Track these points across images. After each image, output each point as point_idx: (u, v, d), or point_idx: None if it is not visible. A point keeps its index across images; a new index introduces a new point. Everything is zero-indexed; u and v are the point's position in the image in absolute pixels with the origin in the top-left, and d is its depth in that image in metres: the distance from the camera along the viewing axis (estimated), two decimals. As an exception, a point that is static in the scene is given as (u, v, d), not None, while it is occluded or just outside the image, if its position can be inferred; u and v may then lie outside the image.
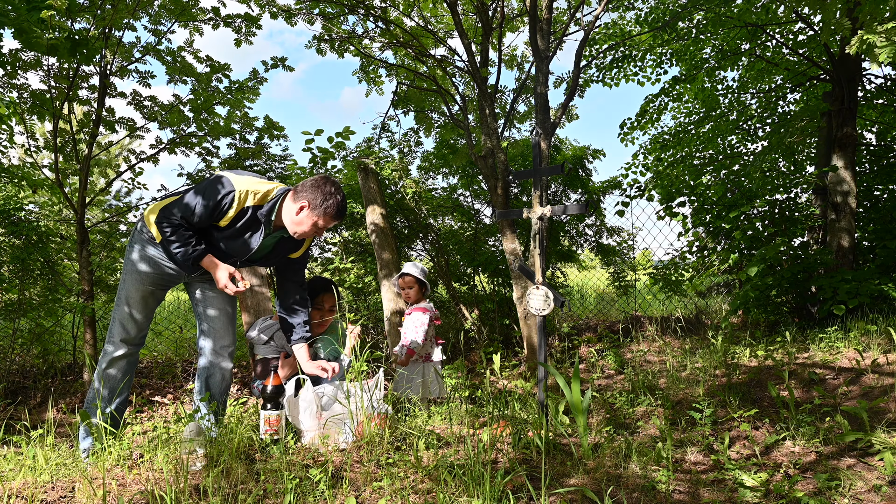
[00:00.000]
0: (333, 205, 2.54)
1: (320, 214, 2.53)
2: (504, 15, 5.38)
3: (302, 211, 2.54)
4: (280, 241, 2.73)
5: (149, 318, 2.77)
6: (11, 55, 4.09)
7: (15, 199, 4.66)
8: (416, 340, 3.54)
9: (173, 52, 4.79)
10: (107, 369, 2.71)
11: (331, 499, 1.95)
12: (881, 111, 6.62)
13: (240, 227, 2.56)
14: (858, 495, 2.01)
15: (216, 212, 2.50)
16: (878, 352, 3.57)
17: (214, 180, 2.54)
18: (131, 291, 2.68)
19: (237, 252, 2.64)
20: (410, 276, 3.71)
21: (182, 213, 2.49)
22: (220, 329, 2.84)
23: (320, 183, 2.55)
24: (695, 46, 6.49)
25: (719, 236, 5.36)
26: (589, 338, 5.52)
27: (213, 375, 2.84)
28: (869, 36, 3.25)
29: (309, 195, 2.53)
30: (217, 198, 2.48)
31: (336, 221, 2.60)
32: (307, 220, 2.55)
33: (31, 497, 1.97)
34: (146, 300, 2.72)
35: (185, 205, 2.50)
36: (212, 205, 2.48)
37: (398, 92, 6.35)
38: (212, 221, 2.53)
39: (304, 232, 2.58)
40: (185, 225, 2.51)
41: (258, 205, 2.55)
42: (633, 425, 2.82)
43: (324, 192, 2.53)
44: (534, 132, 2.86)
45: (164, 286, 2.75)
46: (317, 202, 2.52)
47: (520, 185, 5.81)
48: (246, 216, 2.55)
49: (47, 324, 4.68)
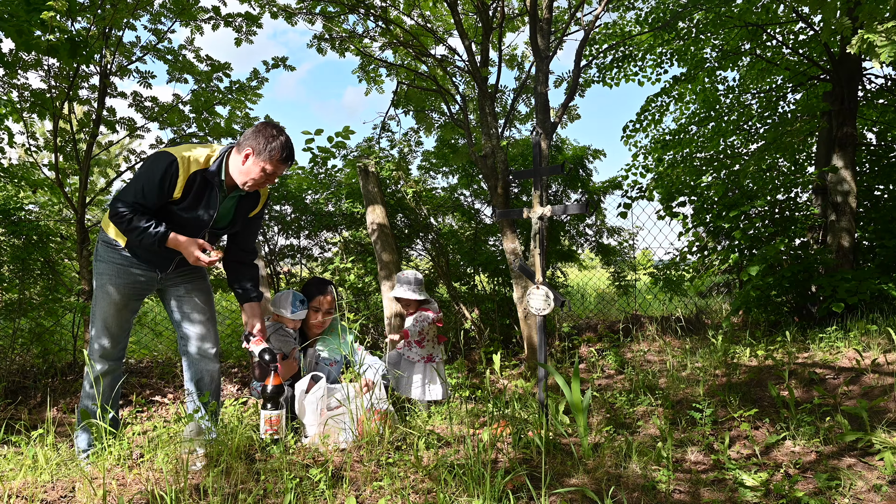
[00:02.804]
0: (278, 147, 2.47)
1: (266, 159, 2.47)
2: (504, 14, 5.38)
3: (248, 159, 2.49)
4: (239, 201, 2.69)
5: (126, 330, 2.73)
6: (11, 55, 4.09)
7: (15, 199, 4.66)
8: (412, 326, 3.64)
9: (174, 51, 4.78)
10: (91, 389, 2.68)
11: (331, 498, 1.95)
12: (881, 111, 6.61)
13: (194, 193, 2.52)
14: (858, 495, 2.01)
15: (165, 185, 2.45)
16: (878, 351, 3.56)
17: (153, 157, 2.52)
18: (105, 307, 2.63)
19: (201, 222, 2.59)
20: (404, 299, 3.73)
21: (133, 198, 2.44)
22: (200, 332, 2.80)
23: (261, 128, 2.50)
24: (695, 46, 6.49)
25: (719, 236, 5.35)
26: (589, 337, 5.52)
27: (202, 379, 2.81)
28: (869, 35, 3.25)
29: (251, 142, 2.48)
30: (161, 171, 2.44)
31: (284, 165, 2.53)
32: (254, 168, 2.49)
33: (31, 497, 1.97)
34: (121, 313, 2.66)
35: (133, 190, 2.46)
36: (157, 179, 2.43)
37: (398, 91, 6.35)
38: (166, 199, 2.48)
39: (253, 180, 2.52)
40: (141, 209, 2.46)
41: (204, 168, 2.52)
42: (634, 425, 2.82)
43: (266, 135, 2.47)
44: (534, 132, 2.86)
45: (136, 296, 2.70)
46: (260, 147, 2.46)
47: (520, 185, 5.81)
48: (196, 181, 2.51)
49: (47, 323, 4.68)
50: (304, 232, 5.67)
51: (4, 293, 4.68)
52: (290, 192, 5.44)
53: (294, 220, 5.56)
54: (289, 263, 5.77)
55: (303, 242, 5.76)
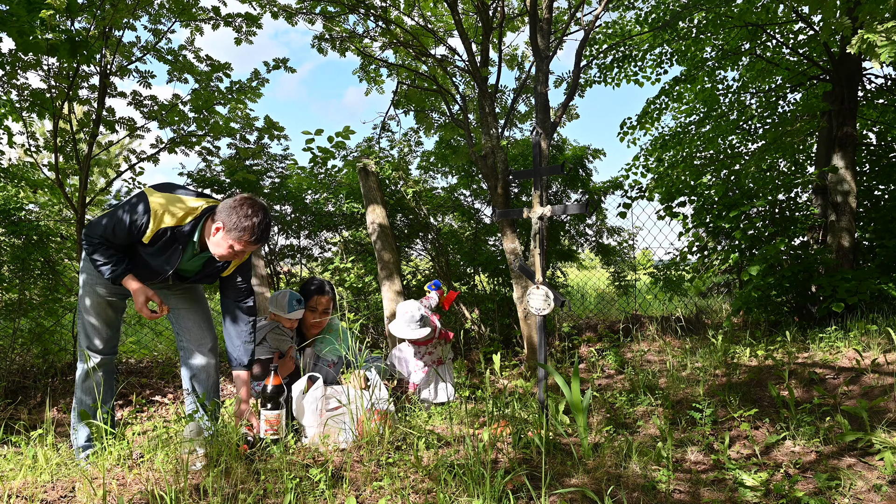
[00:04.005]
0: (249, 228, 2.38)
1: (235, 238, 2.40)
2: (504, 14, 5.38)
3: (218, 232, 2.44)
4: (209, 259, 2.66)
5: (113, 328, 2.75)
6: (11, 55, 4.09)
7: (15, 199, 4.66)
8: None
9: (174, 52, 4.78)
10: (84, 383, 2.71)
11: (331, 499, 1.95)
12: (881, 111, 6.62)
13: (161, 245, 2.51)
14: (858, 495, 2.01)
15: (133, 230, 2.46)
16: (878, 351, 3.57)
17: (134, 200, 2.51)
18: (90, 302, 2.69)
19: (161, 269, 2.59)
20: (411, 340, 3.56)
21: (102, 232, 2.48)
22: (196, 330, 2.83)
23: (237, 204, 2.41)
24: (695, 46, 6.49)
25: (720, 236, 5.35)
26: (589, 337, 5.52)
27: (198, 375, 2.84)
28: (869, 35, 3.26)
29: (224, 216, 2.41)
30: (133, 217, 2.45)
31: (254, 246, 2.46)
32: (223, 242, 2.44)
33: (31, 497, 1.97)
34: (105, 311, 2.71)
35: (105, 225, 2.49)
36: (127, 224, 2.45)
37: (398, 91, 6.35)
38: (135, 240, 2.49)
39: (221, 254, 2.47)
40: (107, 244, 2.50)
41: (178, 225, 2.48)
42: (634, 425, 2.82)
43: (239, 213, 2.38)
44: (534, 132, 2.86)
45: (122, 295, 2.73)
46: (231, 224, 2.39)
47: (520, 185, 5.81)
48: (166, 235, 2.49)
49: (47, 323, 4.68)
50: (304, 232, 5.67)
51: (4, 293, 4.68)
52: (290, 192, 5.44)
53: (294, 220, 5.56)
54: (289, 263, 5.77)
55: (303, 242, 5.76)
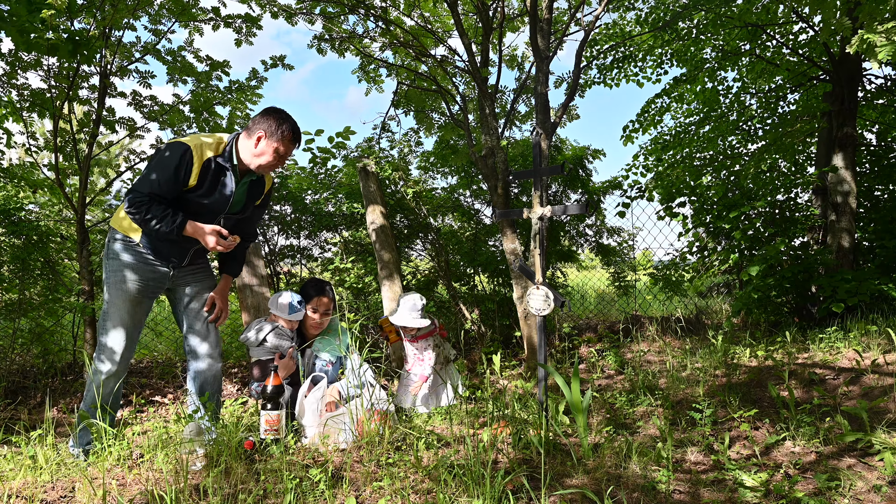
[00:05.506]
0: (288, 128, 2.58)
1: (279, 139, 2.57)
2: (504, 15, 5.38)
3: (260, 141, 2.58)
4: (249, 186, 2.75)
5: (139, 329, 2.74)
6: (11, 55, 4.09)
7: (15, 199, 4.66)
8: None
9: (174, 52, 4.78)
10: (98, 387, 2.67)
11: (331, 499, 1.95)
12: (881, 111, 6.62)
13: (210, 180, 2.57)
14: (858, 495, 2.01)
15: (180, 174, 2.48)
16: (878, 352, 3.57)
17: (165, 148, 2.54)
18: (120, 305, 2.63)
19: (217, 207, 2.63)
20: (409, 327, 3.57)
21: (149, 189, 2.46)
22: (204, 332, 2.83)
23: (269, 112, 2.61)
24: (695, 47, 6.49)
25: (719, 236, 5.35)
26: (589, 338, 5.52)
27: (206, 377, 2.84)
28: (869, 35, 3.26)
29: (263, 125, 2.58)
30: (176, 160, 2.47)
31: (294, 146, 2.64)
32: (268, 149, 2.58)
33: (31, 497, 1.97)
34: (136, 311, 2.67)
35: (151, 181, 2.47)
36: (172, 169, 2.46)
37: (398, 92, 6.35)
38: (181, 188, 2.51)
39: (267, 162, 2.60)
40: (158, 198, 2.48)
41: (217, 154, 2.58)
42: (633, 425, 2.82)
43: (276, 118, 2.58)
44: (534, 132, 2.86)
45: (150, 293, 2.71)
46: (272, 129, 2.56)
47: (520, 185, 5.81)
48: (212, 167, 2.56)
49: (47, 324, 4.68)
50: (304, 232, 5.67)
51: (4, 293, 4.68)
52: (290, 192, 5.44)
53: (294, 220, 5.56)
54: (289, 263, 5.77)
55: (303, 242, 5.76)
